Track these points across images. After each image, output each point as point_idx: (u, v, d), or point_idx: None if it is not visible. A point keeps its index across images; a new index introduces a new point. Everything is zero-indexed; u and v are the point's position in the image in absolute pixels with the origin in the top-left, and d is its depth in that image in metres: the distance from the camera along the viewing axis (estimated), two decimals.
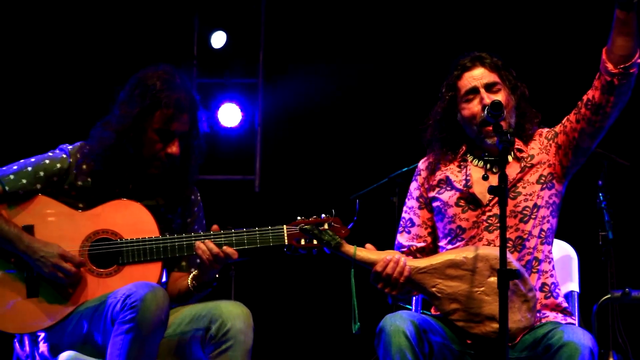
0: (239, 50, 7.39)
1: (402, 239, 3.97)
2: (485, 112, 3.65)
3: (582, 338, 3.41)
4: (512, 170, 3.78)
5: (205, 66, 7.44)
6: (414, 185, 4.01)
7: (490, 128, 3.73)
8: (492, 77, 3.86)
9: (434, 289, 3.60)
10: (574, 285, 4.10)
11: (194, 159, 3.96)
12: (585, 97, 3.74)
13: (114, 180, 3.86)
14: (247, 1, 7.37)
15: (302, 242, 3.72)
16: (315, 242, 3.70)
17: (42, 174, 3.82)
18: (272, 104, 7.42)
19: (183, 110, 3.84)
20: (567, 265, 4.16)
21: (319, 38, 7.30)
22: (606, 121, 3.72)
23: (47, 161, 3.85)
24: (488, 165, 3.86)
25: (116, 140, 3.81)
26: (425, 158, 4.02)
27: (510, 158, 3.81)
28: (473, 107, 3.84)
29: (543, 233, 3.79)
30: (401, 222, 4.01)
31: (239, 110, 7.36)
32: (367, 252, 3.63)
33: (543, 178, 3.82)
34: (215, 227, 3.79)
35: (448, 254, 3.65)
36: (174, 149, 3.84)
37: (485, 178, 3.66)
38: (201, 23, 7.41)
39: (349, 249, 3.60)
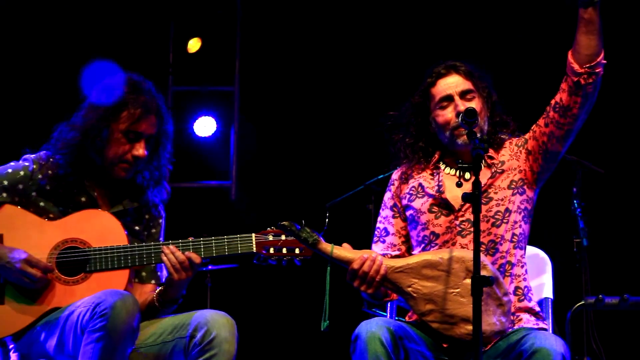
0: (215, 58, 7.39)
1: (377, 248, 3.98)
2: (460, 118, 3.67)
3: (554, 344, 3.43)
4: (483, 176, 3.80)
5: (181, 74, 7.43)
6: (387, 195, 4.04)
7: (462, 130, 3.75)
8: (466, 85, 3.89)
9: (409, 289, 3.60)
10: (547, 292, 4.11)
11: (163, 165, 3.94)
12: (553, 101, 3.77)
13: (80, 185, 3.83)
14: (222, 9, 7.37)
15: (271, 250, 3.72)
16: (284, 251, 3.71)
17: (5, 182, 3.81)
18: (248, 111, 7.42)
19: (150, 111, 3.83)
20: (541, 272, 4.18)
21: (294, 46, 7.31)
22: (575, 123, 3.76)
23: (9, 170, 3.84)
24: (459, 172, 3.89)
25: (80, 141, 3.80)
26: (399, 168, 4.04)
27: (482, 165, 3.82)
28: (447, 114, 3.86)
29: (515, 237, 3.81)
30: (376, 232, 4.02)
31: (215, 117, 7.36)
32: (344, 251, 3.63)
33: (514, 184, 3.85)
34: (190, 239, 3.77)
35: (424, 255, 3.66)
36: (140, 150, 3.82)
37: (459, 185, 3.68)
38: (176, 31, 7.40)
39: (326, 246, 3.60)
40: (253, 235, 3.73)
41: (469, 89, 3.88)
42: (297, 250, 3.74)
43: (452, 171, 3.92)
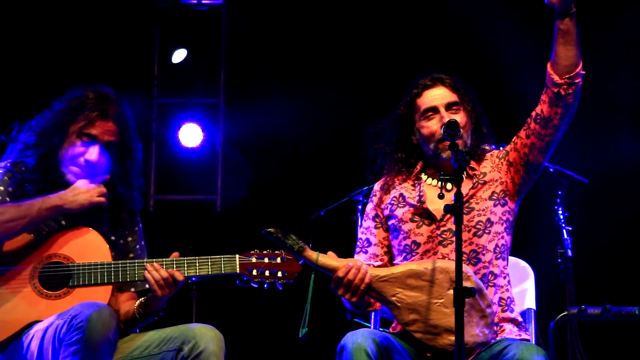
0: (200, 70, 7.39)
1: (359, 258, 3.97)
2: (442, 130, 3.68)
3: (535, 355, 3.44)
4: (465, 186, 3.81)
5: (166, 86, 7.43)
6: (370, 206, 4.05)
7: (447, 143, 3.77)
8: (452, 98, 3.90)
9: (393, 298, 3.61)
10: (530, 303, 4.12)
11: (130, 177, 3.92)
12: (534, 113, 3.79)
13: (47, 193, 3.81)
14: (207, 21, 7.38)
15: (254, 272, 3.72)
16: (267, 273, 3.72)
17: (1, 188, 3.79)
18: (233, 123, 7.43)
19: (108, 117, 3.80)
20: (524, 283, 4.19)
21: (279, 57, 7.32)
22: (555, 134, 3.78)
23: None
24: (441, 184, 3.91)
25: (39, 145, 3.78)
26: (381, 180, 4.05)
27: (463, 176, 3.82)
28: (432, 126, 3.87)
29: (498, 248, 3.83)
30: (358, 243, 4.03)
31: (200, 130, 7.36)
32: (329, 259, 3.63)
33: (495, 195, 3.86)
34: (175, 254, 3.76)
35: (409, 264, 3.66)
36: (92, 155, 3.79)
37: (441, 197, 3.69)
38: (162, 43, 7.41)
39: (311, 254, 3.60)
40: (237, 256, 3.73)
41: (454, 102, 3.90)
42: (279, 274, 3.75)
43: (434, 182, 3.94)
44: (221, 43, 7.43)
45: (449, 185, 3.90)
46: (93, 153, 3.79)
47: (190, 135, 7.33)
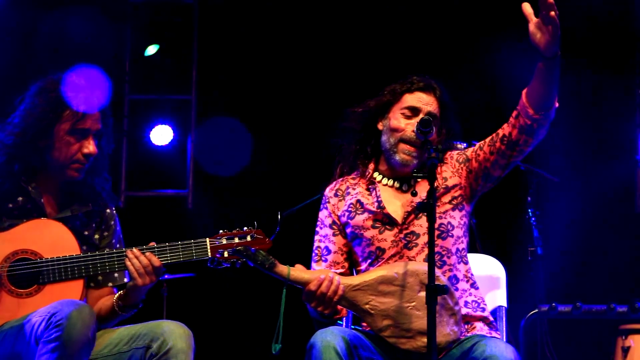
0: (172, 66, 7.37)
1: (318, 267, 3.94)
2: (415, 127, 3.68)
3: (504, 351, 3.45)
4: (423, 188, 3.78)
5: (137, 82, 7.39)
6: (324, 213, 3.99)
7: (408, 146, 3.80)
8: (435, 111, 3.88)
9: (367, 306, 3.60)
10: (501, 300, 4.14)
11: (105, 157, 3.89)
12: (501, 132, 3.77)
13: (24, 192, 3.77)
14: (179, 17, 7.35)
15: (225, 254, 3.70)
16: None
17: None
18: (205, 119, 7.40)
19: (94, 107, 3.77)
20: (495, 281, 4.21)
21: (251, 54, 7.31)
22: (520, 156, 3.79)
23: None
24: (397, 184, 3.91)
25: (20, 146, 3.74)
26: (332, 185, 4.02)
27: (436, 174, 3.78)
28: (403, 123, 3.86)
29: (459, 252, 3.85)
30: (316, 251, 3.97)
31: (172, 126, 7.33)
32: (301, 272, 3.61)
33: (455, 200, 3.87)
34: (152, 243, 3.73)
35: (379, 270, 3.66)
36: (90, 147, 3.76)
37: (414, 194, 3.69)
38: (133, 39, 7.37)
39: (283, 269, 3.58)
40: (207, 240, 3.71)
41: (435, 115, 3.87)
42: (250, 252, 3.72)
43: (391, 182, 3.93)
44: (193, 39, 7.40)
45: (404, 187, 3.89)
46: (89, 145, 3.76)
47: (162, 131, 7.30)
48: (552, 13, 3.44)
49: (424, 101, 3.88)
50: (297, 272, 3.60)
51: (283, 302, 3.58)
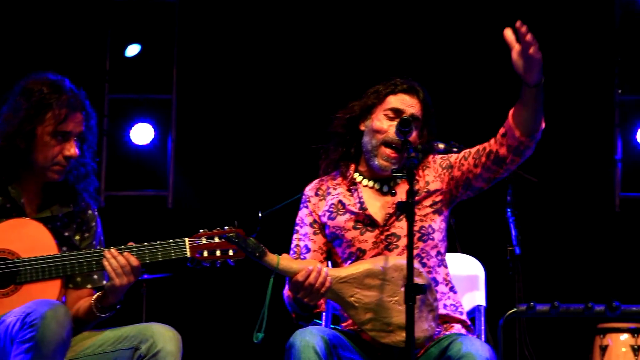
0: (153, 66, 7.35)
1: None
2: (395, 128, 3.69)
3: (479, 349, 3.47)
4: (403, 189, 3.78)
5: (117, 81, 7.38)
6: (304, 212, 3.99)
7: (389, 151, 3.82)
8: (418, 113, 3.89)
9: (352, 299, 3.61)
10: (480, 300, 4.16)
11: (89, 161, 3.89)
12: (488, 147, 3.77)
13: (4, 192, 3.76)
14: (160, 17, 7.34)
15: (205, 254, 3.69)
16: (218, 253, 3.68)
17: None
18: (186, 119, 7.40)
19: (76, 109, 3.75)
20: (474, 280, 4.23)
21: (232, 53, 7.31)
22: (507, 173, 3.81)
23: None
24: (377, 185, 3.91)
25: (2, 147, 3.73)
26: (312, 185, 4.03)
27: (414, 174, 3.77)
28: (386, 125, 3.86)
29: (440, 256, 3.87)
30: (294, 249, 3.96)
31: (152, 126, 7.32)
32: (290, 262, 3.60)
33: (436, 205, 3.87)
34: (130, 243, 3.72)
35: (365, 263, 3.66)
36: (71, 150, 3.75)
37: (393, 194, 3.71)
38: (113, 38, 7.35)
39: (272, 258, 3.56)
40: (186, 239, 3.70)
41: (417, 117, 3.88)
42: (230, 252, 3.70)
43: (371, 183, 3.93)
44: (174, 39, 7.39)
45: (384, 188, 3.90)
46: (71, 148, 3.74)
47: (142, 131, 7.29)
48: (531, 50, 3.44)
49: (407, 103, 3.89)
50: (286, 261, 3.59)
51: (269, 292, 3.58)
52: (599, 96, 7.07)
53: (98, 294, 3.75)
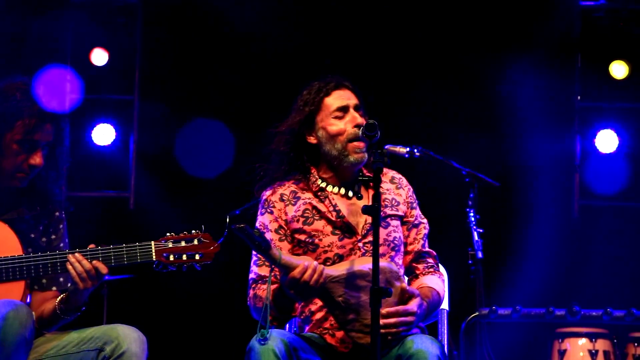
0: (115, 67, 7.31)
1: (262, 271, 3.87)
2: (361, 132, 3.72)
3: (430, 346, 3.54)
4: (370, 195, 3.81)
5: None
6: (268, 218, 3.92)
7: (356, 143, 3.83)
8: (356, 100, 3.93)
9: (340, 299, 3.61)
10: (443, 304, 4.19)
11: (59, 169, 3.87)
12: (409, 259, 3.99)
13: None
14: (123, 18, 7.30)
15: (171, 258, 3.68)
16: (185, 257, 3.67)
17: None
18: (148, 120, 7.36)
19: (46, 119, 3.75)
20: None
21: (194, 54, 7.29)
22: None
23: None
24: (342, 191, 3.92)
25: None
26: (272, 190, 3.98)
27: (380, 178, 3.76)
28: (341, 124, 3.88)
29: (402, 267, 3.93)
30: (258, 256, 3.89)
31: (114, 126, 7.28)
32: (290, 257, 3.61)
33: (397, 220, 3.94)
34: (91, 246, 3.71)
35: (356, 264, 3.67)
36: (37, 159, 3.74)
37: (359, 197, 3.72)
38: (75, 39, 7.30)
39: (275, 252, 3.55)
40: (152, 243, 3.69)
41: (358, 104, 3.93)
42: (197, 257, 3.70)
43: (335, 189, 3.94)
44: (136, 40, 7.35)
45: (350, 193, 3.92)
46: (37, 157, 3.74)
47: (104, 131, 7.24)
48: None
49: (345, 96, 3.93)
50: (288, 256, 3.60)
51: (269, 289, 3.59)
52: (560, 103, 7.14)
53: (62, 296, 3.73)
